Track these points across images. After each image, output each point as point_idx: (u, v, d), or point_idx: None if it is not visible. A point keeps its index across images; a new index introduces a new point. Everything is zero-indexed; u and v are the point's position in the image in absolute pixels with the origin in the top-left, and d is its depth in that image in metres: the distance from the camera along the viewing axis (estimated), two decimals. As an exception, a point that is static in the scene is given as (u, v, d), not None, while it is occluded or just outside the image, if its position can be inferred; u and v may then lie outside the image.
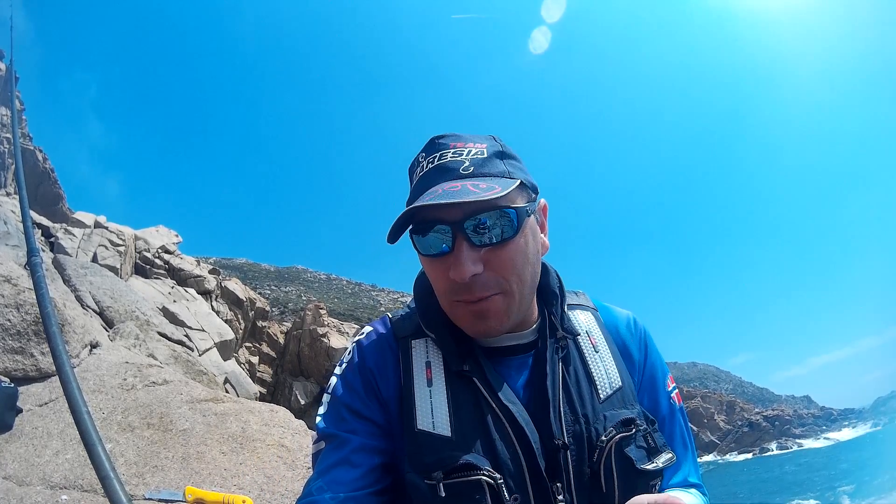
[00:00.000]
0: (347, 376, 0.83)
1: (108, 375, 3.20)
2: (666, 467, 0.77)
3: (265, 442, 2.87)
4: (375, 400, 0.80)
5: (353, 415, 0.79)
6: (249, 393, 12.10)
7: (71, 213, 16.74)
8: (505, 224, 0.73)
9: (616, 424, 0.76)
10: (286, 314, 49.75)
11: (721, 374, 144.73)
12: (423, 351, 0.82)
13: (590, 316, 0.89)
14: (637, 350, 0.89)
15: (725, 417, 79.33)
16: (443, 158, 0.77)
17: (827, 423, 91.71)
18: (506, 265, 0.74)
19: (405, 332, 0.85)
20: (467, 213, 0.72)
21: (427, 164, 0.78)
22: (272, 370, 19.70)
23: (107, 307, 5.48)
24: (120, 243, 11.75)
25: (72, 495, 2.23)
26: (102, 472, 1.49)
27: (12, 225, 6.03)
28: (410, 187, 0.82)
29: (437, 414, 0.75)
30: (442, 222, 0.73)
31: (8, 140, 18.16)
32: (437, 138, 0.80)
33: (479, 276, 0.73)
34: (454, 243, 0.73)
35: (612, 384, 0.81)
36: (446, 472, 0.70)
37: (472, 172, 0.75)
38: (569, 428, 0.75)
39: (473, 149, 0.77)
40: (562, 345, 0.82)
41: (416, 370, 0.80)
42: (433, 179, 0.76)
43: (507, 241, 0.73)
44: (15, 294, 3.05)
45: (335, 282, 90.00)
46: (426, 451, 0.73)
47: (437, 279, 0.77)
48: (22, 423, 2.59)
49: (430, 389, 0.77)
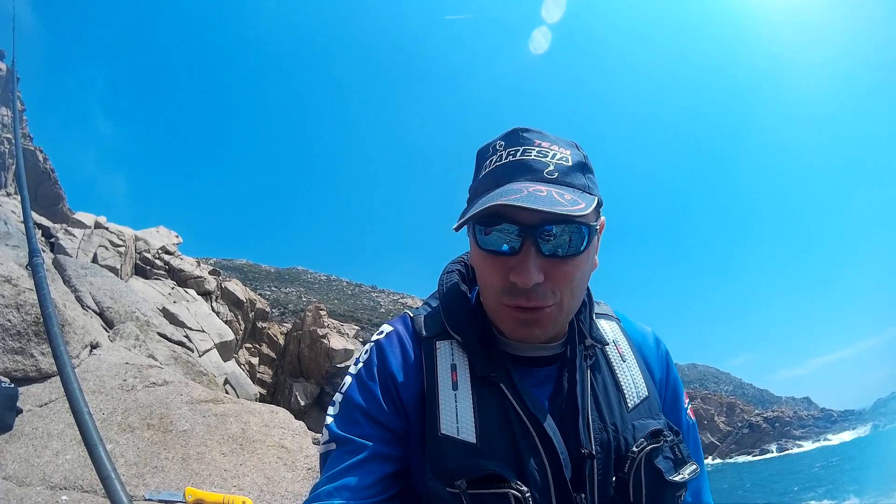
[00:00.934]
0: (364, 378, 0.79)
1: (109, 376, 3.20)
2: (691, 479, 0.76)
3: (265, 443, 2.87)
4: (393, 405, 0.77)
5: (369, 420, 0.76)
6: (249, 394, 12.10)
7: (71, 214, 16.74)
8: (575, 239, 0.72)
9: (646, 435, 0.75)
10: (286, 315, 49.73)
11: (721, 375, 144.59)
12: (449, 353, 0.79)
13: (615, 325, 0.89)
14: (659, 369, 0.88)
15: (725, 419, 79.26)
16: (525, 155, 0.73)
17: (827, 424, 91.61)
18: (566, 279, 0.72)
19: (430, 333, 0.81)
20: (544, 220, 0.69)
21: (507, 156, 0.74)
22: (272, 371, 19.69)
23: (107, 308, 5.48)
24: (120, 244, 11.76)
25: (72, 496, 2.23)
26: (103, 472, 1.49)
27: (13, 225, 6.03)
28: (479, 172, 0.78)
29: (462, 419, 0.73)
30: (513, 222, 0.70)
31: (9, 140, 18.19)
32: (522, 130, 0.76)
33: (539, 284, 0.71)
34: (522, 247, 0.70)
35: (640, 393, 0.80)
36: (470, 481, 0.67)
37: (557, 179, 0.71)
38: (596, 437, 0.74)
39: (558, 153, 0.74)
40: (590, 353, 0.81)
41: (441, 373, 0.77)
42: (513, 174, 0.72)
43: (573, 257, 0.72)
44: (15, 294, 3.05)
45: (335, 283, 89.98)
46: (449, 457, 0.70)
47: (492, 276, 0.74)
48: (22, 423, 2.59)
49: (455, 393, 0.75)
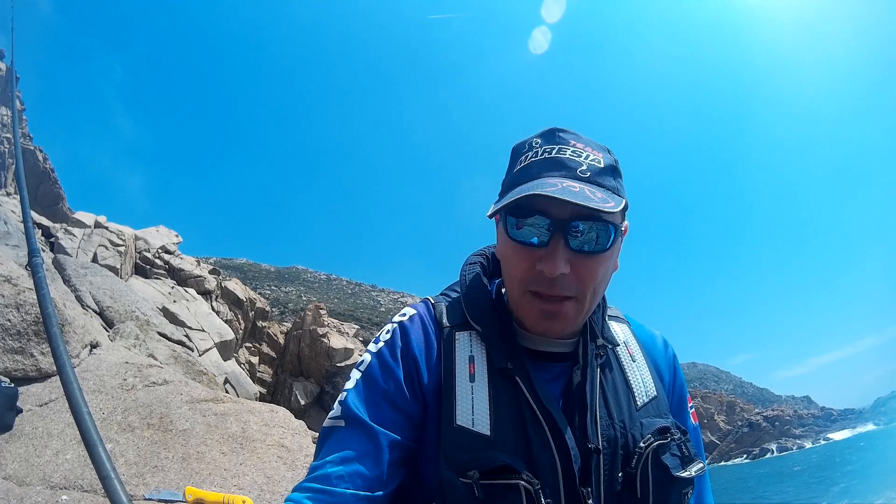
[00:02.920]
0: (388, 359, 0.79)
1: (108, 375, 3.20)
2: (698, 476, 0.78)
3: (265, 442, 2.87)
4: (413, 391, 0.78)
5: (389, 404, 0.76)
6: (249, 393, 12.10)
7: (71, 213, 16.73)
8: (602, 237, 0.74)
9: (653, 432, 0.77)
10: (286, 314, 49.74)
11: (721, 374, 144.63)
12: (468, 344, 0.80)
13: (625, 328, 0.92)
14: (668, 371, 0.91)
15: (725, 418, 79.29)
16: (561, 153, 0.76)
17: (827, 423, 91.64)
18: (590, 275, 0.75)
19: (451, 322, 0.82)
20: (573, 215, 0.73)
21: (542, 152, 0.77)
22: (272, 370, 19.69)
23: (107, 307, 5.48)
24: (120, 243, 11.74)
25: (72, 495, 2.23)
26: (103, 472, 1.49)
27: (13, 225, 6.03)
28: (514, 165, 0.81)
29: (478, 411, 0.74)
30: (545, 215, 0.73)
31: (8, 140, 18.16)
32: (559, 131, 0.79)
33: (564, 275, 0.73)
34: (551, 239, 0.73)
35: (649, 393, 0.83)
36: (483, 472, 0.69)
37: (589, 178, 0.74)
38: (603, 432, 0.76)
39: (591, 155, 0.77)
40: (601, 352, 0.83)
41: (459, 363, 0.78)
42: (548, 169, 0.75)
43: (599, 254, 0.75)
44: (15, 294, 3.05)
45: (335, 282, 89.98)
46: (463, 449, 0.71)
47: (519, 266, 0.77)
48: (22, 423, 2.59)
49: (473, 385, 0.76)
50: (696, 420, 0.93)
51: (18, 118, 9.65)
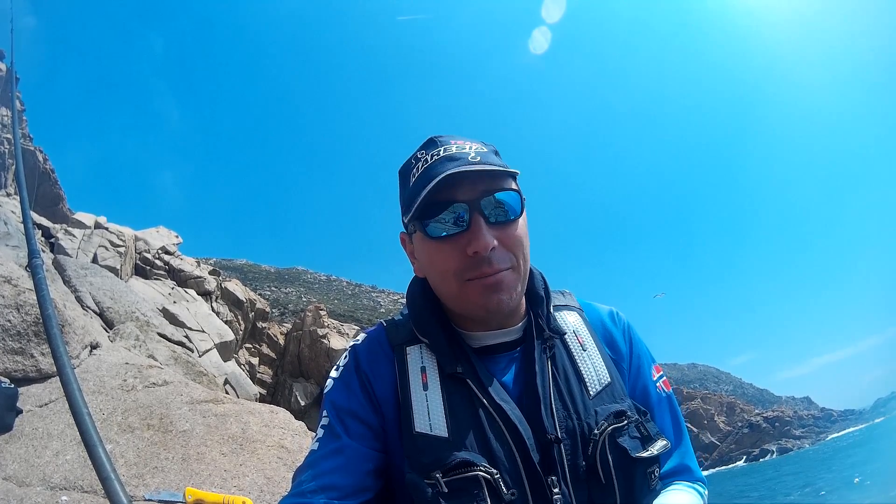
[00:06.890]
0: (344, 377, 0.87)
1: (108, 376, 3.20)
2: (661, 453, 0.80)
3: (265, 443, 2.87)
4: (371, 403, 0.84)
5: (351, 417, 0.82)
6: (249, 394, 12.09)
7: (71, 214, 16.72)
8: (514, 205, 0.82)
9: (607, 417, 0.80)
10: (286, 315, 49.70)
11: (721, 375, 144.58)
12: (418, 357, 0.85)
13: (576, 316, 0.94)
14: (623, 342, 0.93)
15: (726, 419, 79.24)
16: (447, 151, 0.82)
17: (827, 424, 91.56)
18: (515, 242, 0.81)
19: (400, 339, 0.88)
20: (482, 193, 0.79)
21: (431, 157, 0.82)
22: (272, 371, 19.68)
23: (107, 308, 5.48)
24: (120, 244, 11.74)
25: (72, 496, 2.23)
26: (103, 472, 1.49)
27: (13, 225, 6.03)
28: (407, 182, 0.86)
29: (434, 416, 0.79)
30: (457, 202, 0.79)
31: (8, 140, 18.17)
32: (436, 137, 0.85)
33: (495, 249, 0.78)
34: (471, 220, 0.79)
35: (602, 380, 0.85)
36: (444, 470, 0.73)
37: (479, 161, 0.80)
38: (561, 423, 0.79)
39: (474, 146, 0.84)
40: (549, 345, 0.86)
41: (412, 375, 0.83)
42: (442, 166, 0.80)
43: (516, 220, 0.82)
44: (15, 295, 3.05)
45: (335, 283, 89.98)
46: (425, 452, 0.76)
47: (449, 259, 0.80)
48: (22, 423, 2.59)
49: (427, 393, 0.81)
50: (669, 388, 0.94)
51: (18, 119, 9.67)
